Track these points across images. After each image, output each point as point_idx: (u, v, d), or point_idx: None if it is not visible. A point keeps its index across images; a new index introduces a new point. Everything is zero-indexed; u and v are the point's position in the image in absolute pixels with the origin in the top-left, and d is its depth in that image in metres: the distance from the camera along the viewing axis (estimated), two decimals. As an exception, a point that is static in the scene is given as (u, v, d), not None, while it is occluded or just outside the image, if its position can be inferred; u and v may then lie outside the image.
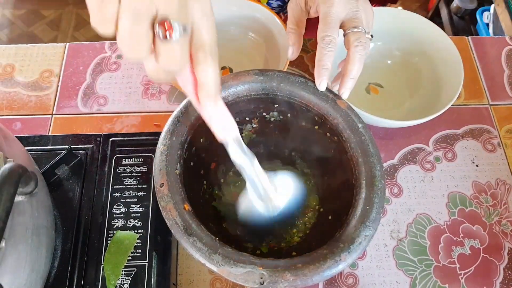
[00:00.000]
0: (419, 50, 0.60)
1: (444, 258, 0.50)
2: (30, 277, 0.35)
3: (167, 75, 0.28)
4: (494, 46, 0.66)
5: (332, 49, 0.41)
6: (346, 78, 0.41)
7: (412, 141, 0.58)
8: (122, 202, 0.45)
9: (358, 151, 0.39)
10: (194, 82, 0.30)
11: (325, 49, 0.41)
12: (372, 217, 0.36)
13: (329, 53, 0.41)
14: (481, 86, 0.62)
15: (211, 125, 0.33)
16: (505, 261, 0.50)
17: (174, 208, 0.35)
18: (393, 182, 0.55)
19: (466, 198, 0.54)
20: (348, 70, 0.41)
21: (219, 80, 0.29)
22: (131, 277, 0.41)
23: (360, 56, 0.41)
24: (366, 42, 0.41)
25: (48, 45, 0.63)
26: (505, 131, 0.59)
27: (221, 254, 0.33)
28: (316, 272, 0.33)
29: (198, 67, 0.28)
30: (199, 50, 0.27)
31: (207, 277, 0.48)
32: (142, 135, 0.50)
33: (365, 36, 0.42)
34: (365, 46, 0.41)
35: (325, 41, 0.41)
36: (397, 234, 0.51)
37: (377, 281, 0.49)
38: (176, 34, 0.25)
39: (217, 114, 0.32)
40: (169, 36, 0.25)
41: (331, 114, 0.42)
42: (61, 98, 0.59)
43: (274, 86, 0.42)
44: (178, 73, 0.29)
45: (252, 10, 0.58)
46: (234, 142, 0.34)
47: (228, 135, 0.34)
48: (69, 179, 0.47)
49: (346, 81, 0.42)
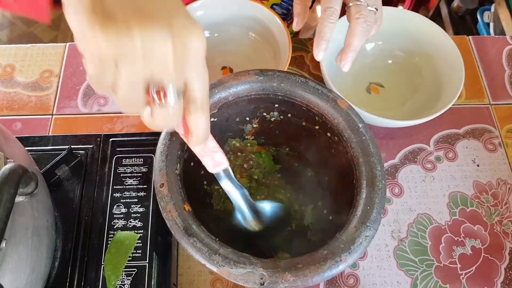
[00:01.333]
0: (420, 50, 0.59)
1: (445, 258, 0.50)
2: (30, 277, 0.35)
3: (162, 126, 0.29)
4: (495, 46, 0.66)
5: (333, 21, 0.42)
6: (347, 50, 0.43)
7: (413, 141, 0.57)
8: (122, 203, 0.45)
9: (359, 151, 0.39)
10: (185, 127, 0.32)
11: (326, 21, 0.42)
12: (373, 217, 0.36)
13: (330, 25, 0.42)
14: (482, 85, 0.62)
15: (202, 160, 0.35)
16: (506, 261, 0.50)
17: (174, 209, 0.35)
18: (394, 182, 0.54)
19: (467, 198, 0.54)
20: (349, 42, 0.43)
21: (208, 128, 0.31)
22: (131, 278, 0.41)
23: (361, 28, 0.42)
24: (367, 15, 0.42)
25: (48, 45, 0.63)
26: (506, 131, 0.58)
27: (221, 255, 0.33)
28: (317, 272, 0.33)
29: (189, 117, 0.30)
30: (191, 103, 0.29)
31: (207, 278, 0.48)
32: (142, 135, 0.50)
33: (366, 9, 0.43)
34: (366, 19, 0.42)
35: (327, 12, 0.42)
36: (398, 234, 0.51)
37: (378, 281, 0.49)
38: (171, 99, 0.27)
39: (207, 151, 0.35)
40: (164, 102, 0.27)
41: (331, 114, 0.42)
42: (61, 98, 0.59)
43: (274, 86, 0.42)
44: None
45: (252, 10, 0.58)
46: (224, 174, 0.37)
47: (218, 168, 0.36)
48: (69, 179, 0.47)
49: (347, 53, 0.44)
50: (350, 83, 0.60)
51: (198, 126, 0.30)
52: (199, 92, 0.28)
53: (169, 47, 0.25)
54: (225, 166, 0.36)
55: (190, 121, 0.30)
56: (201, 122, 0.30)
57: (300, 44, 0.65)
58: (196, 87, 0.28)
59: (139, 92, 0.26)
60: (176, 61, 0.26)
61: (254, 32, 0.61)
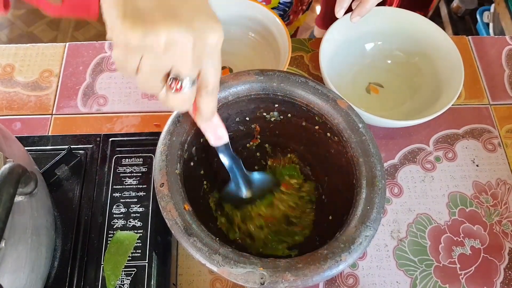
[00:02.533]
0: (420, 50, 0.59)
1: (445, 258, 0.50)
2: (30, 277, 0.35)
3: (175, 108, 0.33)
4: (494, 46, 0.66)
5: None
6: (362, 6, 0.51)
7: (412, 141, 0.57)
8: (122, 202, 0.45)
9: (359, 151, 0.39)
10: (194, 106, 0.34)
11: None
12: (373, 217, 0.36)
13: None
14: (482, 85, 0.62)
15: (205, 134, 0.38)
16: (505, 261, 0.50)
17: (174, 208, 0.35)
18: (393, 182, 0.55)
19: (466, 198, 0.54)
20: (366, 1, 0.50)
21: (215, 108, 0.35)
22: (131, 278, 0.41)
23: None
24: None
25: (48, 45, 0.63)
26: (505, 131, 0.58)
27: (222, 255, 0.33)
28: (317, 272, 0.33)
29: (199, 99, 0.33)
30: (203, 88, 0.32)
31: (207, 278, 0.48)
32: (142, 135, 0.50)
33: None
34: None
35: None
36: (397, 234, 0.51)
37: (378, 281, 0.49)
38: (186, 88, 0.30)
39: (212, 127, 0.38)
40: (180, 89, 0.30)
41: (331, 114, 0.42)
42: (61, 98, 0.59)
43: (274, 86, 0.42)
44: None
45: (252, 10, 0.58)
46: (224, 147, 0.40)
47: (219, 142, 0.39)
48: (69, 179, 0.47)
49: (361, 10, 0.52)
50: (349, 83, 0.60)
51: (208, 108, 0.34)
52: (212, 79, 0.32)
53: (190, 45, 0.28)
54: (225, 141, 0.39)
55: (201, 103, 0.33)
56: (210, 104, 0.34)
57: (300, 44, 0.65)
58: (209, 76, 0.31)
59: (158, 79, 0.30)
60: (195, 55, 0.29)
61: (254, 32, 0.61)
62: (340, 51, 0.58)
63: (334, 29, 0.56)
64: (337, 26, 0.57)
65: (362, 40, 0.61)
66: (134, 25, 0.27)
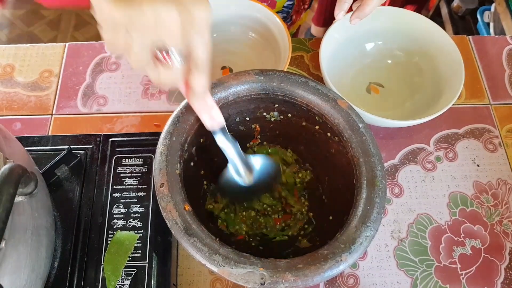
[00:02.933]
0: (420, 50, 0.59)
1: (445, 258, 0.50)
2: (30, 277, 0.35)
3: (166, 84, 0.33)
4: (495, 46, 0.66)
5: None
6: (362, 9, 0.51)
7: (413, 141, 0.57)
8: (122, 203, 0.45)
9: (359, 151, 0.39)
10: (186, 84, 0.35)
11: None
12: (373, 217, 0.36)
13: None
14: (482, 85, 0.62)
15: (200, 116, 0.38)
16: (506, 261, 0.50)
17: (174, 209, 0.35)
18: (394, 182, 0.54)
19: (467, 198, 0.54)
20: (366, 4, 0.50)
21: (207, 85, 0.35)
22: (131, 278, 0.41)
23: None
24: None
25: (48, 45, 0.63)
26: (506, 131, 0.58)
27: (222, 255, 0.33)
28: (317, 272, 0.33)
29: (190, 76, 0.33)
30: (193, 65, 0.32)
31: (207, 278, 0.48)
32: (142, 135, 0.50)
33: None
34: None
35: None
36: (398, 234, 0.51)
37: (378, 281, 0.48)
38: (176, 62, 0.31)
39: (206, 107, 0.38)
40: (171, 64, 0.31)
41: (331, 114, 0.41)
42: (61, 98, 0.59)
43: (274, 86, 0.42)
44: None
45: (252, 10, 0.58)
46: (220, 130, 0.39)
47: (215, 124, 0.39)
48: (69, 179, 0.47)
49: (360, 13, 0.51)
50: (350, 83, 0.60)
51: (198, 84, 0.34)
52: (201, 55, 0.32)
53: (176, 17, 0.29)
54: (221, 125, 0.39)
55: (192, 79, 0.33)
56: (201, 80, 0.34)
57: (300, 44, 0.65)
58: (199, 52, 0.32)
59: (148, 55, 0.30)
60: (183, 29, 0.29)
61: (254, 32, 0.61)
62: (340, 51, 0.58)
63: (334, 29, 0.56)
64: (337, 26, 0.57)
65: (363, 40, 0.61)
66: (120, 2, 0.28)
